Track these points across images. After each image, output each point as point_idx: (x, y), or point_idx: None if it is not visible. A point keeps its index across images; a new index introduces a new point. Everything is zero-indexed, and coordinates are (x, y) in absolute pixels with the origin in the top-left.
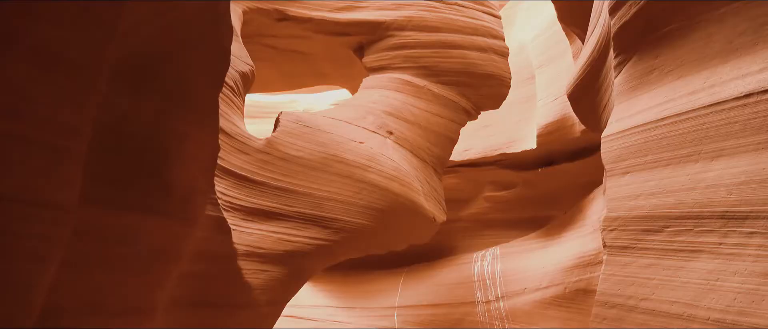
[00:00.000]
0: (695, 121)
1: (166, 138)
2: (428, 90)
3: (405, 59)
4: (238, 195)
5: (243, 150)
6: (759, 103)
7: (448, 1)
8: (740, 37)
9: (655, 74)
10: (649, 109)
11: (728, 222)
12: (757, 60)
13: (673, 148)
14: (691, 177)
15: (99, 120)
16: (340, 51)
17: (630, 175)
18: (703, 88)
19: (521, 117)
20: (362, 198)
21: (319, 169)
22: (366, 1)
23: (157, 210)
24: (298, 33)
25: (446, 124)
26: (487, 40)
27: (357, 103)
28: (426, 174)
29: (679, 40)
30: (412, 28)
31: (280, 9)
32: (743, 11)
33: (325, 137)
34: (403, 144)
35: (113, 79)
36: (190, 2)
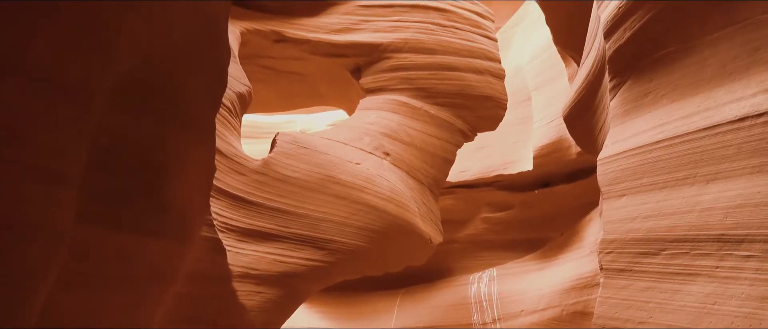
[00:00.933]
0: (690, 144)
1: (163, 158)
2: (425, 111)
3: (402, 81)
4: (233, 215)
5: (239, 170)
6: (754, 126)
7: (444, 23)
8: (734, 61)
9: (650, 97)
10: (644, 132)
11: (724, 245)
12: (751, 84)
13: (668, 170)
14: (687, 200)
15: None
16: (337, 72)
17: (626, 198)
18: (698, 112)
19: (518, 138)
20: (358, 219)
21: (315, 190)
22: (363, 23)
23: (153, 230)
24: (295, 54)
25: (442, 145)
26: (484, 63)
27: (354, 124)
28: (422, 195)
29: (674, 64)
30: (408, 50)
31: (278, 30)
32: (736, 36)
33: (321, 158)
34: (399, 165)
35: (110, 100)
36: (188, 23)
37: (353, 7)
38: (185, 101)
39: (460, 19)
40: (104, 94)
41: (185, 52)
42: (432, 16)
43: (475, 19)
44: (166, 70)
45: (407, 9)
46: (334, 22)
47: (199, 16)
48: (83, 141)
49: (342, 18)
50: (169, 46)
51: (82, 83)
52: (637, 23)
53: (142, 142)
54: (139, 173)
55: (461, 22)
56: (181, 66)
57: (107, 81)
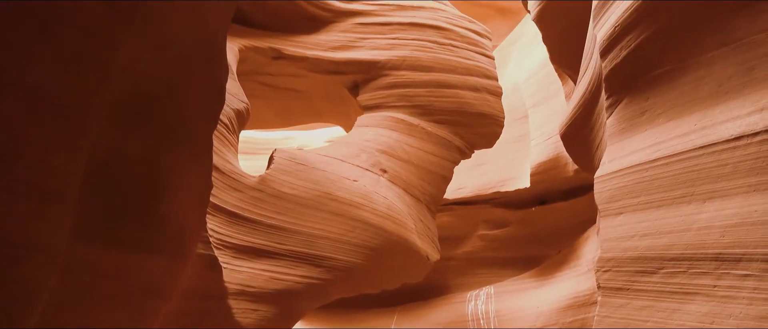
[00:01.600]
0: (687, 162)
1: (160, 175)
2: (422, 128)
3: (399, 98)
4: (229, 232)
5: (236, 187)
6: (749, 145)
7: (442, 41)
8: (729, 80)
9: (646, 116)
10: (641, 150)
11: (722, 264)
12: (746, 103)
13: (665, 189)
14: (684, 219)
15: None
16: (334, 89)
17: (623, 216)
18: (694, 130)
19: (515, 156)
20: (355, 236)
21: (312, 207)
22: (361, 40)
23: (148, 247)
24: (293, 71)
25: (440, 162)
26: (481, 80)
27: (351, 141)
28: (419, 212)
29: (670, 83)
30: (406, 67)
31: (276, 48)
32: (731, 56)
33: (318, 175)
34: (396, 182)
35: (107, 116)
36: (186, 41)
37: (351, 24)
38: (182, 118)
39: (458, 37)
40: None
41: (183, 69)
42: (429, 34)
43: (472, 37)
44: (164, 86)
45: (405, 27)
46: (332, 40)
47: (197, 33)
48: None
49: (340, 35)
50: (167, 62)
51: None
52: (632, 42)
53: (138, 158)
54: (135, 190)
55: (459, 40)
56: (178, 83)
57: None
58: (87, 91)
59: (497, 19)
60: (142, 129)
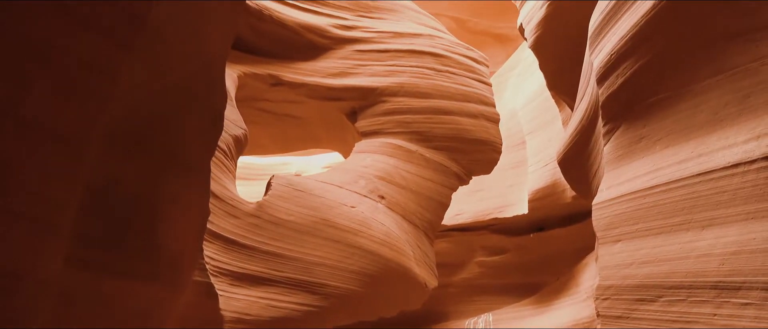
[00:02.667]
0: (685, 189)
1: (156, 202)
2: (420, 155)
3: (397, 124)
4: (226, 259)
5: (233, 213)
6: (747, 173)
7: (439, 68)
8: (725, 108)
9: (643, 143)
10: (638, 177)
11: (722, 292)
12: (743, 131)
13: (663, 216)
14: (683, 247)
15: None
16: (333, 115)
17: (622, 243)
18: (692, 158)
19: (513, 182)
20: (353, 263)
21: (309, 233)
22: (359, 67)
23: (144, 274)
24: (291, 97)
25: (438, 188)
26: (479, 107)
27: (349, 167)
28: (417, 239)
29: (666, 110)
30: (404, 94)
31: (275, 74)
32: (727, 83)
33: (316, 201)
34: (394, 208)
35: (104, 143)
36: (185, 68)
37: (349, 51)
38: (180, 144)
39: (455, 64)
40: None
41: (181, 96)
42: (427, 61)
43: (469, 63)
44: (162, 113)
45: (403, 54)
46: (331, 66)
47: (196, 61)
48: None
49: (338, 62)
50: (166, 89)
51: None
52: (629, 70)
53: (135, 184)
54: (131, 216)
55: (456, 66)
56: (176, 109)
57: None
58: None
59: (494, 47)
60: (139, 156)
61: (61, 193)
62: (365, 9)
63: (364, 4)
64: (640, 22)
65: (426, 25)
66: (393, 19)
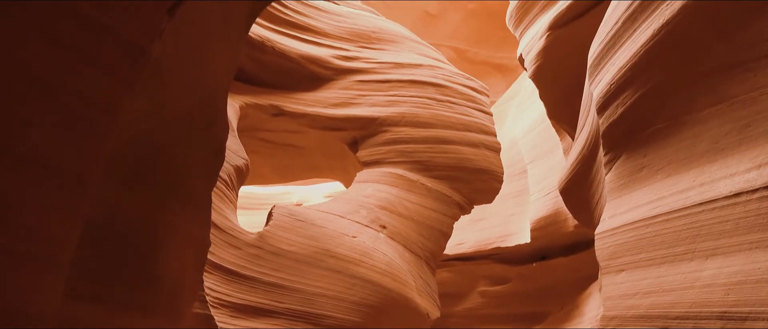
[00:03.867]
0: (687, 219)
1: (156, 233)
2: (421, 184)
3: (398, 154)
4: (227, 290)
5: (234, 244)
6: (749, 202)
7: (440, 98)
8: (725, 137)
9: (644, 172)
10: (640, 207)
11: (727, 323)
12: (744, 159)
13: (666, 245)
14: (687, 276)
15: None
16: (334, 145)
17: (625, 273)
18: (693, 187)
19: (515, 211)
20: (354, 293)
21: (310, 264)
22: (360, 97)
23: (143, 306)
24: (293, 127)
25: (439, 218)
26: (479, 136)
27: (350, 197)
28: (419, 268)
29: (666, 139)
30: (405, 123)
31: (276, 104)
32: (726, 113)
33: (317, 231)
34: (396, 238)
35: (105, 174)
36: (186, 100)
37: (351, 82)
38: (181, 176)
39: (456, 94)
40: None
41: (183, 128)
42: (428, 91)
43: (470, 93)
44: (163, 144)
45: (404, 84)
46: (332, 97)
47: (198, 93)
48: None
49: (339, 92)
50: (167, 121)
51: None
52: (629, 100)
53: (135, 216)
54: (130, 248)
55: (457, 96)
56: (178, 141)
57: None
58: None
59: (494, 76)
60: (140, 187)
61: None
62: (366, 40)
63: (365, 36)
64: (638, 52)
65: (427, 55)
66: (394, 50)
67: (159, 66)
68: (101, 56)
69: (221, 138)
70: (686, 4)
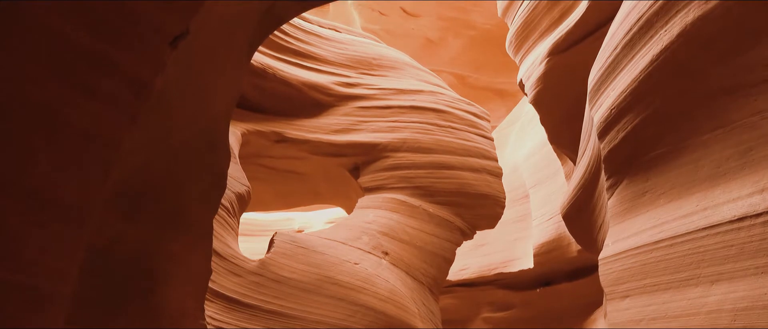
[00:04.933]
0: (691, 244)
1: (157, 261)
2: (423, 210)
3: (400, 179)
4: (228, 319)
5: (235, 272)
6: (753, 226)
7: (441, 123)
8: (727, 161)
9: (647, 197)
10: (643, 232)
11: None
12: (746, 184)
13: (671, 271)
14: (693, 302)
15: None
16: (335, 171)
17: (630, 299)
18: (696, 211)
19: (517, 236)
20: (357, 321)
21: (312, 291)
22: (362, 123)
23: None
24: (295, 154)
25: (442, 243)
26: (481, 161)
27: (352, 223)
28: (422, 295)
29: (668, 164)
30: (406, 149)
31: (278, 131)
32: (727, 137)
33: (319, 258)
34: (398, 264)
35: (106, 204)
36: (188, 129)
37: (352, 108)
38: (182, 205)
39: (457, 119)
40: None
41: (184, 156)
42: (429, 117)
43: (471, 119)
44: (164, 174)
45: (405, 110)
46: (334, 123)
47: (200, 122)
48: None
49: (341, 119)
50: (168, 151)
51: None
52: (629, 125)
53: (136, 245)
54: (131, 277)
55: (458, 122)
56: (178, 170)
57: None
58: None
59: (495, 101)
60: (140, 217)
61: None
62: (367, 67)
63: (366, 62)
64: (638, 77)
65: (427, 81)
66: (395, 76)
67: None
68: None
69: (223, 166)
70: (684, 31)
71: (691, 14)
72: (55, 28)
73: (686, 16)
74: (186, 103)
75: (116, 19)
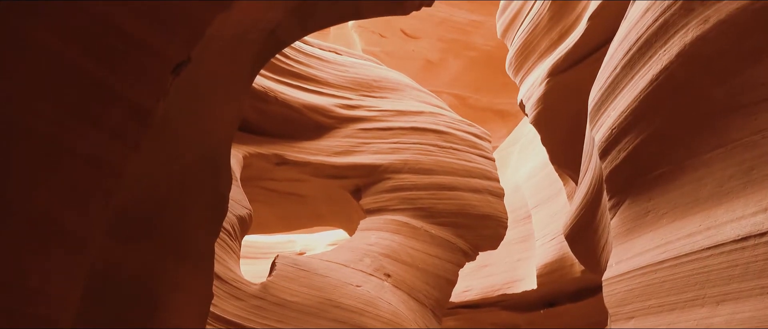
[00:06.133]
0: (696, 264)
1: (158, 286)
2: (425, 231)
3: (401, 201)
4: None
5: (237, 295)
6: (757, 246)
7: (442, 145)
8: (730, 180)
9: (650, 216)
10: (647, 252)
11: None
12: (750, 203)
13: (676, 291)
14: (699, 323)
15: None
16: (337, 193)
17: (635, 320)
18: (700, 231)
19: (520, 256)
20: None
21: (314, 315)
22: (363, 145)
23: None
24: (296, 176)
25: (444, 265)
26: (482, 182)
27: (354, 245)
28: (424, 317)
29: (670, 183)
30: (408, 170)
31: (280, 154)
32: (729, 156)
33: (321, 281)
34: (400, 286)
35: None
36: (190, 154)
37: (353, 130)
38: (184, 229)
39: (458, 140)
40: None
41: (186, 181)
42: (430, 138)
43: (472, 139)
44: (165, 199)
45: (406, 131)
46: (335, 145)
47: (201, 146)
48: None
49: (342, 141)
50: (170, 176)
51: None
52: (630, 144)
53: (138, 269)
54: (133, 302)
55: (459, 142)
56: (180, 195)
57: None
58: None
59: (496, 122)
60: (142, 243)
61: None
62: (368, 89)
63: (367, 84)
64: (638, 97)
65: (428, 102)
66: (395, 98)
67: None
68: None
69: (224, 190)
70: (683, 51)
71: (689, 34)
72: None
73: (685, 37)
74: (188, 128)
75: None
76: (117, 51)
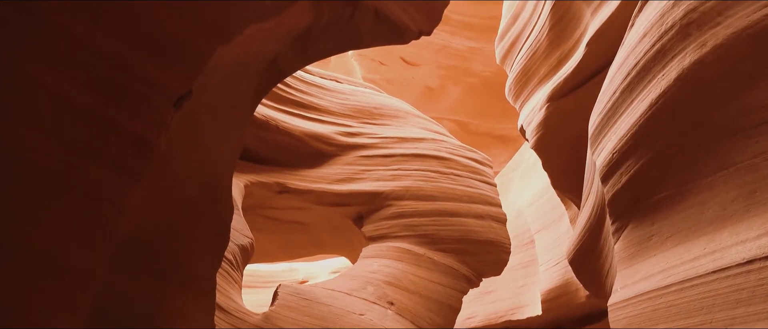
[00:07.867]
0: (701, 288)
1: (160, 317)
2: (428, 258)
3: (404, 228)
4: None
5: (239, 326)
6: (763, 269)
7: (444, 171)
8: (733, 203)
9: (653, 240)
10: (652, 276)
11: None
12: (753, 226)
13: (682, 316)
14: None
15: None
16: (339, 221)
17: None
18: (704, 255)
19: (524, 282)
20: None
21: None
22: (364, 172)
23: None
24: (298, 204)
25: (447, 292)
26: (485, 208)
27: (356, 273)
28: None
29: (673, 207)
30: (410, 197)
31: (281, 182)
32: (731, 179)
33: (324, 310)
34: (404, 314)
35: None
36: (190, 185)
37: (354, 157)
38: (185, 260)
39: (460, 166)
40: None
41: (188, 211)
42: (432, 165)
43: (473, 165)
44: (166, 230)
45: (407, 158)
46: (336, 173)
47: (203, 176)
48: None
49: (344, 168)
50: (172, 205)
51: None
52: (632, 168)
53: (139, 301)
54: None
55: (460, 168)
56: (181, 226)
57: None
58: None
59: (497, 147)
60: (144, 271)
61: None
62: (369, 116)
63: (367, 112)
64: (638, 121)
65: (429, 129)
66: (396, 125)
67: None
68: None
69: (226, 219)
70: (681, 75)
71: (687, 59)
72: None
73: (683, 61)
74: (189, 158)
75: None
76: (118, 85)
